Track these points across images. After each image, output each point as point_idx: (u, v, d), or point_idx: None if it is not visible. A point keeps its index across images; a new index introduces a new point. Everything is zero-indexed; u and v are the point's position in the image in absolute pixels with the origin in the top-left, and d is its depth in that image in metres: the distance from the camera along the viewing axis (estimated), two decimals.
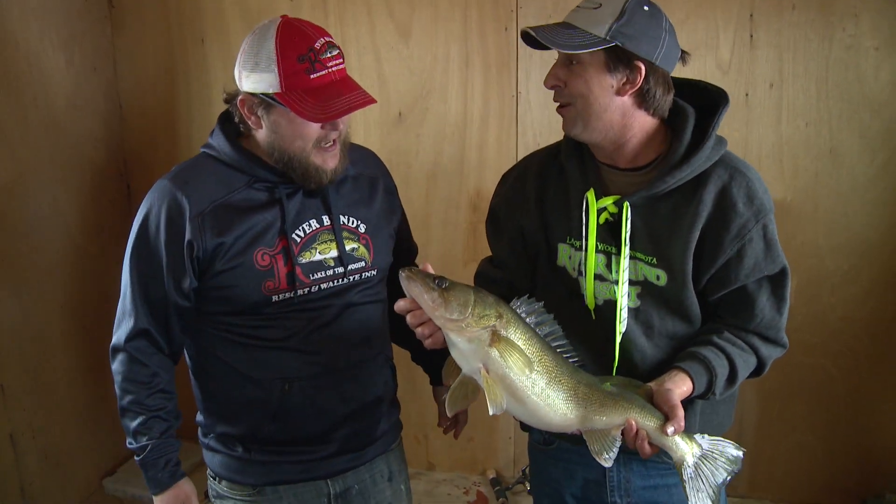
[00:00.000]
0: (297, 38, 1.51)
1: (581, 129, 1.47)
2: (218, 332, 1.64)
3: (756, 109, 2.59)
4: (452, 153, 2.87)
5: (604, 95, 1.43)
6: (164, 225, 1.55)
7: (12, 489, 2.66)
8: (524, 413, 1.36)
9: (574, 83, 1.44)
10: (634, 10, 1.41)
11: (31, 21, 2.68)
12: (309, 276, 1.61)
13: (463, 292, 1.29)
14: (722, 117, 1.48)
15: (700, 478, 1.35)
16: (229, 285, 1.58)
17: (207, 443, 1.74)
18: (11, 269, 2.63)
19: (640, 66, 1.41)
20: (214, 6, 2.95)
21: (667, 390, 1.37)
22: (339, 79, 1.55)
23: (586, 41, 1.39)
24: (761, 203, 1.45)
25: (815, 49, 2.50)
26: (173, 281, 1.57)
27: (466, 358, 1.32)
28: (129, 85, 3.14)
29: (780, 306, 1.50)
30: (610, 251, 1.51)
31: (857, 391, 2.72)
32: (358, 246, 1.69)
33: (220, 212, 1.56)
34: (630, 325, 1.51)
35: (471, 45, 2.77)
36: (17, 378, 2.66)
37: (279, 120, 1.55)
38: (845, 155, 2.55)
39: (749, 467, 2.86)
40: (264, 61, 1.51)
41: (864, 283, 2.63)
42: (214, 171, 1.61)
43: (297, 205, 1.62)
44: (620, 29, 1.39)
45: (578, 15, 1.45)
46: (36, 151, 2.72)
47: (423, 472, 3.20)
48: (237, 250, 1.56)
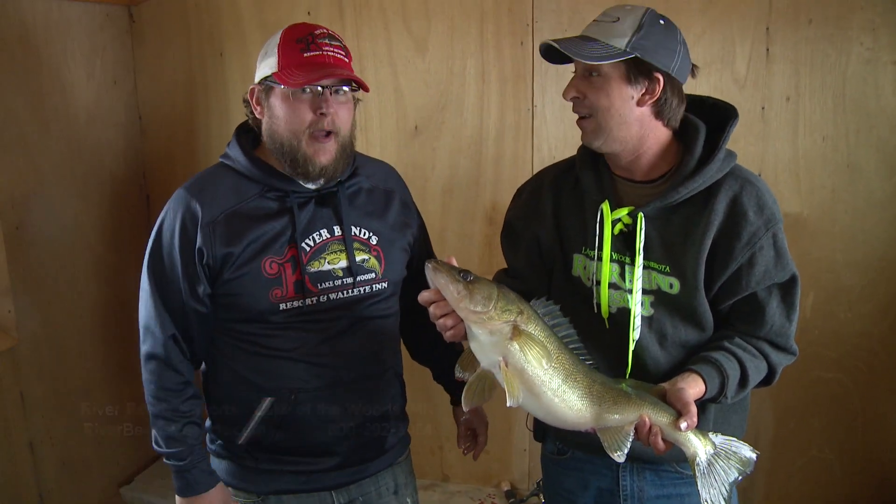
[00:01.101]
0: (301, 27, 1.61)
1: (602, 141, 1.50)
2: (228, 340, 1.67)
3: (772, 123, 2.58)
4: (468, 166, 2.89)
5: (624, 106, 1.47)
6: (179, 232, 1.59)
7: (31, 496, 2.70)
8: (539, 409, 1.39)
9: (595, 95, 1.48)
10: (652, 24, 1.45)
11: (55, 34, 2.73)
12: (317, 285, 1.62)
13: (487, 286, 1.35)
14: (732, 130, 1.53)
15: (713, 475, 1.38)
16: (237, 293, 1.60)
17: (214, 449, 1.77)
18: (32, 279, 2.67)
19: (659, 77, 1.46)
20: (233, 21, 2.99)
21: (679, 389, 1.40)
22: (332, 62, 1.58)
23: (608, 52, 1.43)
24: (771, 212, 1.49)
25: (833, 63, 2.49)
26: (189, 287, 1.60)
27: (486, 351, 1.36)
28: (149, 98, 3.18)
29: (789, 313, 1.53)
30: (624, 261, 1.55)
31: (873, 407, 2.70)
32: (369, 257, 1.69)
33: (232, 220, 1.59)
34: (643, 334, 1.54)
35: (487, 58, 2.79)
36: (37, 386, 2.70)
37: (275, 102, 1.59)
38: (863, 170, 2.54)
39: (765, 482, 2.84)
40: (270, 48, 1.60)
41: (881, 300, 2.61)
42: (229, 180, 1.64)
43: (308, 214, 1.64)
44: (640, 41, 1.43)
45: (598, 28, 1.49)
46: (57, 163, 2.76)
47: (438, 484, 3.20)
48: (245, 258, 1.58)
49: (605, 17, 1.49)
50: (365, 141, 2.85)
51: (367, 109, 2.83)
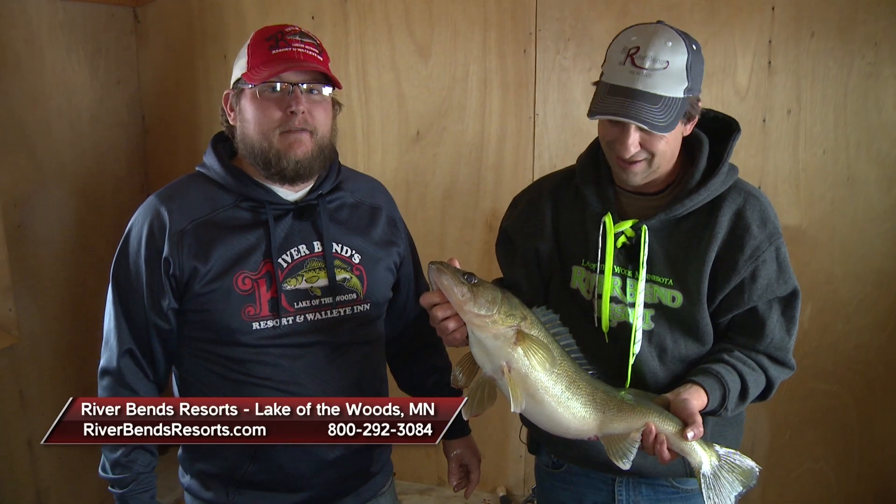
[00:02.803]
0: (273, 27, 1.54)
1: (648, 178, 1.47)
2: (201, 363, 1.55)
3: (773, 135, 2.59)
4: (469, 173, 2.89)
5: (677, 142, 1.45)
6: (145, 240, 1.50)
7: (28, 494, 2.70)
8: (542, 415, 1.37)
9: (656, 145, 1.41)
10: (696, 58, 1.40)
11: (59, 35, 2.74)
12: (293, 304, 1.52)
13: (491, 290, 1.33)
14: (735, 144, 1.51)
15: (718, 487, 1.36)
16: (208, 309, 1.49)
17: (187, 484, 1.64)
18: (33, 278, 2.68)
19: (699, 103, 1.44)
20: (237, 23, 3.00)
21: (684, 400, 1.38)
22: (301, 57, 1.49)
23: (672, 110, 1.37)
24: (774, 226, 1.48)
25: (834, 76, 2.50)
26: (152, 299, 1.50)
27: (490, 355, 1.34)
28: (153, 98, 3.19)
29: (789, 328, 1.51)
30: (625, 274, 1.52)
31: (870, 419, 2.70)
32: (350, 276, 1.58)
33: (201, 231, 1.50)
34: (643, 348, 1.51)
35: (489, 66, 2.79)
36: (36, 385, 2.70)
37: (245, 104, 1.51)
38: (862, 183, 2.55)
39: (760, 493, 2.84)
40: (242, 51, 1.54)
41: (879, 313, 2.61)
42: (202, 188, 1.55)
43: (285, 228, 1.54)
44: (692, 84, 1.39)
45: (652, 80, 1.37)
46: (59, 163, 2.77)
47: (434, 488, 3.20)
48: (216, 272, 1.48)
49: (654, 64, 1.37)
50: (367, 146, 2.85)
51: (369, 114, 2.83)
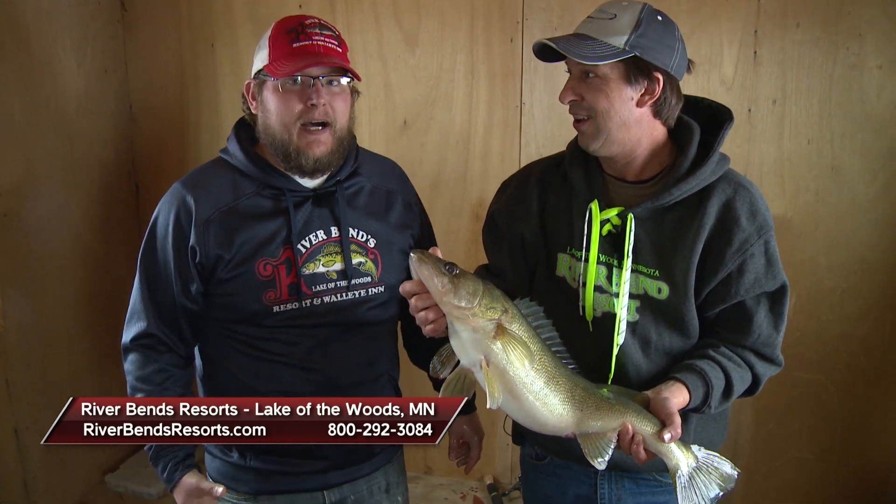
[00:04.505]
0: (293, 18, 1.58)
1: (600, 143, 1.45)
2: (224, 340, 1.64)
3: (758, 126, 2.60)
4: (456, 162, 2.89)
5: (624, 108, 1.42)
6: (173, 228, 1.57)
7: (15, 483, 2.70)
8: (519, 411, 1.35)
9: (593, 97, 1.42)
10: (650, 21, 1.40)
11: (45, 23, 2.72)
12: (311, 287, 1.60)
13: (472, 281, 1.30)
14: (727, 133, 1.49)
15: (693, 488, 1.35)
16: (231, 293, 1.58)
17: (206, 447, 1.74)
18: (20, 268, 2.67)
19: (659, 76, 1.41)
20: (225, 13, 2.99)
21: (664, 399, 1.36)
22: (322, 50, 1.54)
23: (606, 52, 1.37)
24: (764, 219, 1.46)
25: (819, 67, 2.51)
26: (181, 284, 1.58)
27: (467, 349, 1.31)
28: (140, 87, 3.17)
29: (777, 323, 1.49)
30: (611, 263, 1.50)
31: (853, 408, 2.72)
32: (365, 260, 1.65)
33: (225, 219, 1.57)
34: (627, 339, 1.49)
35: (476, 55, 2.79)
36: (23, 374, 2.70)
37: (268, 95, 1.56)
38: (846, 174, 2.55)
39: (744, 483, 2.85)
40: (263, 42, 1.58)
41: (862, 302, 2.63)
42: (226, 176, 1.62)
43: (305, 214, 1.61)
44: (639, 39, 1.38)
45: (594, 25, 1.43)
46: (47, 152, 2.75)
47: (421, 476, 3.21)
48: (239, 259, 1.56)
49: (602, 14, 1.43)
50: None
51: (356, 104, 2.80)
